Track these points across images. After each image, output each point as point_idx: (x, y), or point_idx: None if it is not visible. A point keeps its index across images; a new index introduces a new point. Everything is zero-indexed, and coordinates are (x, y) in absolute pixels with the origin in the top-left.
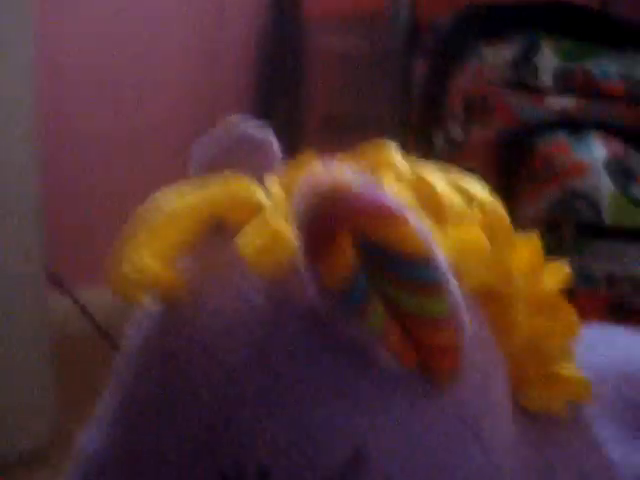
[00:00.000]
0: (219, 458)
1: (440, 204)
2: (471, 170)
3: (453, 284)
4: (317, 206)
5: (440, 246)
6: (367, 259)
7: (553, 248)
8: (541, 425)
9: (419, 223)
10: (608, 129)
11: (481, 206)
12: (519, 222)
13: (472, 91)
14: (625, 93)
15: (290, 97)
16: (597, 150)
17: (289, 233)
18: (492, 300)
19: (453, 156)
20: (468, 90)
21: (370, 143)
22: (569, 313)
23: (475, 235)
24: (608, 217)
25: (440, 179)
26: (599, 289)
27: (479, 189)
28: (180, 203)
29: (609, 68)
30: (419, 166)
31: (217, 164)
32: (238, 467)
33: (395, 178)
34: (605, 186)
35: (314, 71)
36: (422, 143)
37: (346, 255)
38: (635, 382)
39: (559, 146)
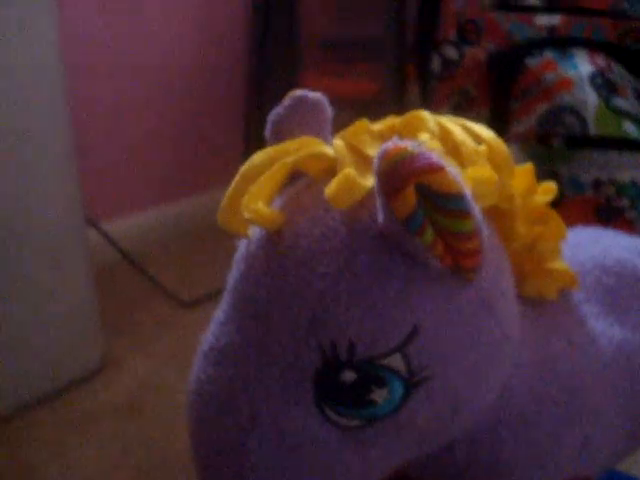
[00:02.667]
0: (319, 338)
1: (459, 147)
2: (466, 89)
3: (477, 210)
4: (392, 167)
5: (464, 182)
6: (423, 198)
7: (545, 159)
8: (538, 308)
9: (454, 171)
10: (592, 44)
11: (488, 145)
12: (514, 136)
13: (465, 14)
14: (609, 8)
15: (288, 21)
16: (582, 65)
17: (358, 179)
18: (499, 216)
19: (449, 76)
20: (461, 13)
21: (408, 114)
22: (557, 221)
23: (485, 170)
24: (593, 128)
25: (456, 127)
26: (587, 194)
27: (485, 131)
28: (272, 160)
29: None
30: (442, 119)
31: (287, 125)
32: (333, 343)
33: (428, 133)
34: (590, 99)
35: None
36: (420, 65)
37: (410, 196)
38: (611, 272)
39: (547, 63)
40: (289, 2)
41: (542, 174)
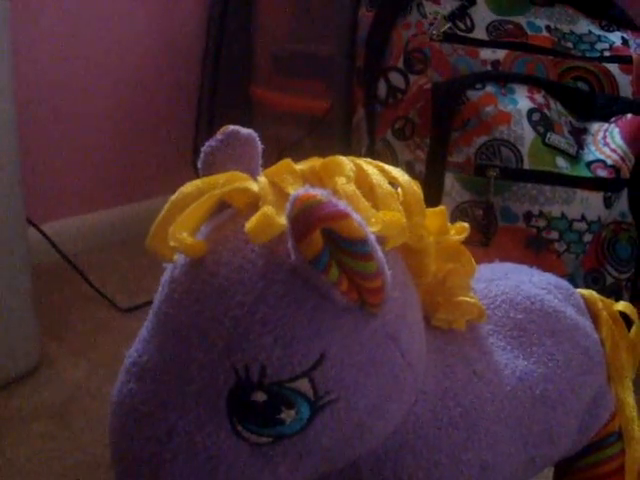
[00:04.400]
0: (233, 361)
1: (374, 189)
2: (410, 117)
3: (379, 253)
4: (301, 212)
5: (373, 224)
6: (329, 241)
7: (480, 188)
8: (446, 339)
9: (358, 218)
10: (532, 81)
11: (402, 188)
12: (452, 165)
13: (413, 43)
14: (552, 46)
15: (243, 34)
16: (521, 101)
17: (276, 216)
18: (412, 253)
19: (394, 103)
20: (409, 42)
21: (328, 158)
22: (469, 259)
23: (396, 213)
24: (528, 162)
25: (374, 170)
26: (518, 224)
27: (401, 175)
28: (200, 191)
29: (538, 22)
30: (360, 162)
31: (218, 158)
32: (246, 366)
33: (344, 177)
34: (527, 134)
35: (264, 11)
36: (367, 89)
37: (317, 239)
38: (520, 308)
39: (487, 97)
40: (245, 14)
41: (477, 203)
